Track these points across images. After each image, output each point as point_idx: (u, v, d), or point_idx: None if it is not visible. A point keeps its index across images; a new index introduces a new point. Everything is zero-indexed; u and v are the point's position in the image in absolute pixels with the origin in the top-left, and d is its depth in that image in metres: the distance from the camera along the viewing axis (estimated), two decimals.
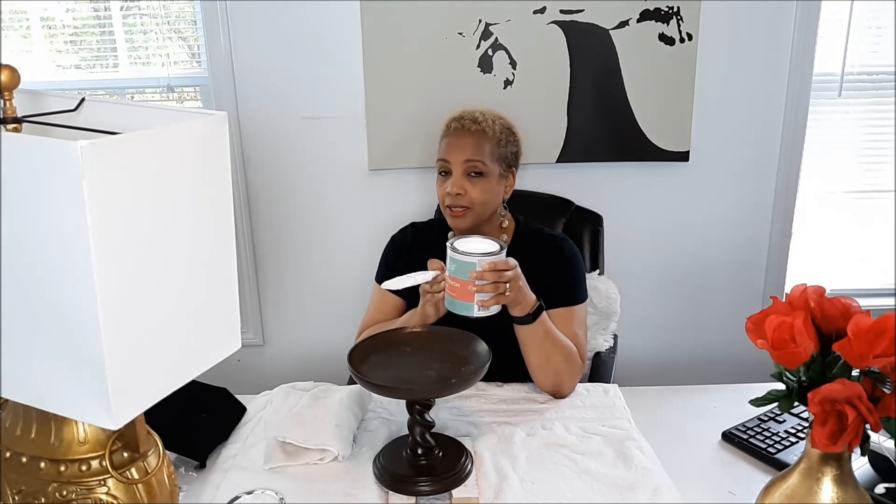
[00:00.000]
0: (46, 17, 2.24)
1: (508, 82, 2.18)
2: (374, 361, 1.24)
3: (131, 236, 0.69)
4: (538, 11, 2.12)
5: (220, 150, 0.80)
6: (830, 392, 0.84)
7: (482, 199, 1.51)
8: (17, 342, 0.72)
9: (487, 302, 1.27)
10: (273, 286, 2.40)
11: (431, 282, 1.35)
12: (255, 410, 1.41)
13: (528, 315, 1.37)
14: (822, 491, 0.91)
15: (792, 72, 2.23)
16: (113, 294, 0.67)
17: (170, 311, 0.76)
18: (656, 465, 1.22)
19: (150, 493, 0.88)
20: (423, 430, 1.20)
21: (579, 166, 2.27)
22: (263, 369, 2.45)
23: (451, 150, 1.52)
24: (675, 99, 2.21)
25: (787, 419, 1.35)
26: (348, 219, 2.33)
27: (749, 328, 0.92)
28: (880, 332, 0.84)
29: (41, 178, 0.64)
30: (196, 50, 2.29)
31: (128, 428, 0.86)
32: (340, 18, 2.15)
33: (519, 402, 1.43)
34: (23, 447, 0.84)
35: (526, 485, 1.17)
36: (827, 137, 2.36)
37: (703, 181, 2.32)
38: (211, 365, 0.83)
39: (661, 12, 2.13)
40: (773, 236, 2.39)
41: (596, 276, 1.93)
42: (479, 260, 1.25)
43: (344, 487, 1.18)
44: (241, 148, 2.26)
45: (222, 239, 0.82)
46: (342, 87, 2.21)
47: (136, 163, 0.69)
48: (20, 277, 0.69)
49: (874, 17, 2.24)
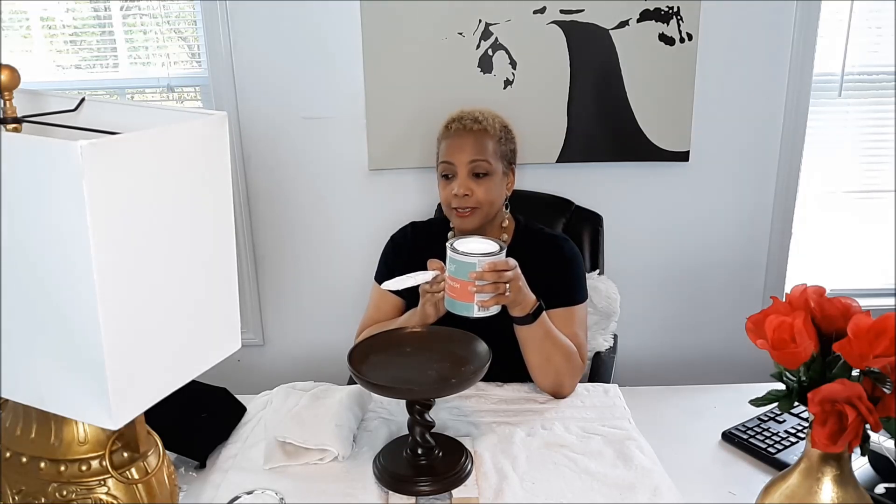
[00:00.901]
0: (46, 17, 2.24)
1: (508, 82, 2.18)
2: (374, 361, 1.24)
3: (131, 236, 0.69)
4: (538, 11, 2.12)
5: (220, 150, 0.80)
6: (830, 392, 0.84)
7: (488, 198, 1.51)
8: (17, 342, 0.72)
9: (487, 302, 1.27)
10: (273, 286, 2.40)
11: (431, 282, 1.35)
12: (255, 410, 1.41)
13: (528, 315, 1.37)
14: (822, 491, 0.91)
15: (792, 72, 2.23)
16: (113, 294, 0.67)
17: (170, 311, 0.76)
18: (656, 465, 1.22)
19: (150, 493, 0.88)
20: (423, 430, 1.20)
21: (579, 166, 2.27)
22: (263, 369, 2.45)
23: (454, 152, 1.52)
24: (675, 99, 2.21)
25: (787, 419, 1.35)
26: (348, 219, 2.33)
27: (749, 328, 0.92)
28: (880, 332, 0.84)
29: (41, 178, 0.64)
30: (196, 50, 2.29)
31: (128, 428, 0.86)
32: (340, 18, 2.15)
33: (519, 402, 1.43)
34: (23, 447, 0.84)
35: (526, 485, 1.17)
36: (827, 137, 2.36)
37: (703, 181, 2.32)
38: (211, 365, 0.83)
39: (661, 12, 2.13)
40: (773, 236, 2.39)
41: (596, 276, 1.93)
42: (479, 260, 1.25)
43: (344, 487, 1.18)
44: (241, 148, 2.26)
45: (222, 239, 0.82)
46: (342, 87, 2.21)
47: (136, 163, 0.69)
48: (20, 277, 0.69)
49: (874, 17, 2.24)
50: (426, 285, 1.36)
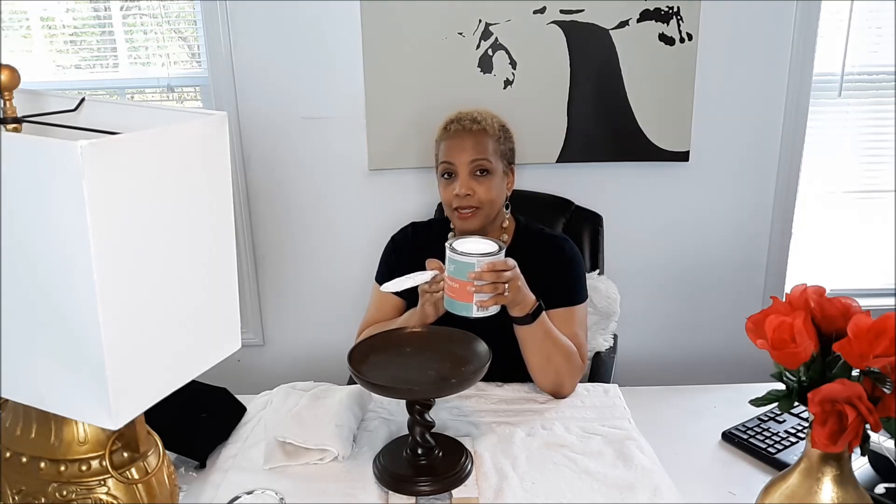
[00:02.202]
0: (46, 17, 2.24)
1: (508, 82, 2.18)
2: (374, 361, 1.24)
3: (131, 236, 0.69)
4: (538, 11, 2.12)
5: (220, 150, 0.80)
6: (830, 392, 0.84)
7: (490, 197, 1.51)
8: (17, 342, 0.72)
9: (486, 302, 1.27)
10: (273, 286, 2.40)
11: (430, 282, 1.35)
12: (255, 410, 1.41)
13: (528, 315, 1.37)
14: (822, 491, 0.91)
15: (792, 72, 2.23)
16: (113, 294, 0.67)
17: (170, 311, 0.76)
18: (656, 465, 1.22)
19: (150, 493, 0.88)
20: (423, 430, 1.20)
21: (579, 166, 2.27)
22: (263, 369, 2.45)
23: (455, 152, 1.52)
24: (675, 99, 2.21)
25: (787, 419, 1.35)
26: (348, 219, 2.33)
27: (749, 328, 0.92)
28: (880, 332, 0.84)
29: (41, 178, 0.64)
30: (196, 50, 2.29)
31: (128, 428, 0.86)
32: (340, 18, 2.15)
33: (519, 402, 1.43)
34: (23, 447, 0.84)
35: (526, 485, 1.17)
36: (827, 137, 2.36)
37: (703, 181, 2.32)
38: (211, 365, 0.83)
39: (661, 12, 2.13)
40: (773, 236, 2.39)
41: (596, 276, 1.93)
42: (478, 260, 1.25)
43: (344, 487, 1.18)
44: (241, 148, 2.26)
45: (222, 239, 0.82)
46: (342, 87, 2.21)
47: (136, 163, 0.69)
48: (20, 277, 0.69)
49: (874, 17, 2.24)
50: (425, 285, 1.36)
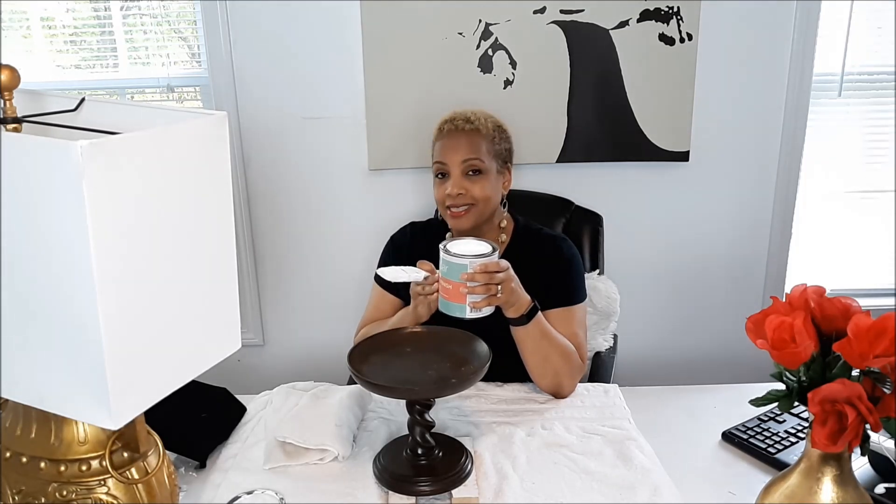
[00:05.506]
0: (46, 17, 2.24)
1: (508, 82, 2.18)
2: (374, 361, 1.24)
3: (131, 236, 0.69)
4: (538, 11, 2.12)
5: (220, 150, 0.80)
6: (830, 392, 0.84)
7: (483, 194, 1.51)
8: (17, 342, 0.72)
9: (479, 303, 1.28)
10: (273, 286, 2.40)
11: (423, 283, 1.35)
12: (255, 410, 1.41)
13: (523, 316, 1.37)
14: (822, 491, 0.91)
15: (792, 72, 2.23)
16: (113, 294, 0.67)
17: (170, 311, 0.76)
18: (656, 465, 1.22)
19: (150, 493, 0.88)
20: (423, 430, 1.20)
21: (579, 166, 2.27)
22: (263, 369, 2.45)
23: (447, 152, 1.52)
24: (675, 99, 2.21)
25: (787, 419, 1.35)
26: (348, 219, 2.33)
27: (749, 328, 0.92)
28: (880, 332, 0.84)
29: (41, 178, 0.64)
30: (196, 50, 2.29)
31: (128, 428, 0.86)
32: (340, 18, 2.15)
33: (519, 402, 1.43)
34: (23, 447, 0.84)
35: (526, 485, 1.17)
36: (827, 137, 2.35)
37: (703, 181, 2.32)
38: (211, 365, 0.83)
39: (661, 12, 2.13)
40: (773, 236, 2.39)
41: (596, 276, 1.93)
42: (470, 262, 1.26)
43: (344, 487, 1.18)
44: (241, 148, 2.26)
45: (222, 239, 0.82)
46: (342, 87, 2.21)
47: (136, 163, 0.69)
48: (20, 277, 0.69)
49: (874, 17, 2.24)
50: (418, 287, 1.36)
